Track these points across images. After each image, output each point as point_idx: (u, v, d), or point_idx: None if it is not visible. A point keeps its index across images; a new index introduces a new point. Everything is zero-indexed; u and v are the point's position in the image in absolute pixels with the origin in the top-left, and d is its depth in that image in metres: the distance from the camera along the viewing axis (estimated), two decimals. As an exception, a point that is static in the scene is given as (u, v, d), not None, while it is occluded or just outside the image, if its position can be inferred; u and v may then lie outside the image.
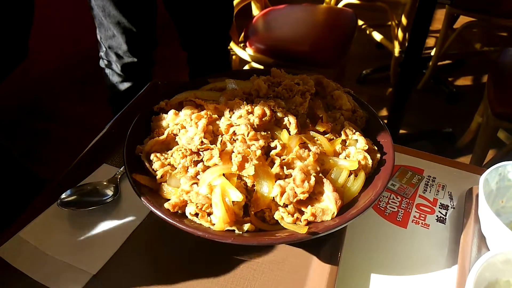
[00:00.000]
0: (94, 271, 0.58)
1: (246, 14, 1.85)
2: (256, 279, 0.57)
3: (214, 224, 0.53)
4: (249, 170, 0.54)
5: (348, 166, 0.58)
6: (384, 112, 2.14)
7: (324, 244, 0.59)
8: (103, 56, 1.35)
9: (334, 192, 0.54)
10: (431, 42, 2.73)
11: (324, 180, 0.56)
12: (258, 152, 0.56)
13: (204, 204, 0.53)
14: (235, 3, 1.67)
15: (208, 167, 0.57)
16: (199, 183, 0.56)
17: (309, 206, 0.54)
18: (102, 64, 1.38)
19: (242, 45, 1.72)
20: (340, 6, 2.28)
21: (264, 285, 0.57)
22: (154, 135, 0.64)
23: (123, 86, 1.38)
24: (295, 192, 0.53)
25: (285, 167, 0.56)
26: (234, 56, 1.79)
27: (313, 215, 0.53)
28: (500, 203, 0.64)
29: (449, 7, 2.07)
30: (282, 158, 0.57)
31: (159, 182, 0.59)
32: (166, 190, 0.58)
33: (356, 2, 2.32)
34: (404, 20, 2.31)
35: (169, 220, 0.53)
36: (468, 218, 0.64)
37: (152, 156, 0.60)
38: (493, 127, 1.46)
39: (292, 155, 0.57)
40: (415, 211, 0.69)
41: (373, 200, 0.54)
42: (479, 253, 0.59)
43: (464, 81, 2.46)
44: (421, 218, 0.68)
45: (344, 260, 0.60)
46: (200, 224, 0.54)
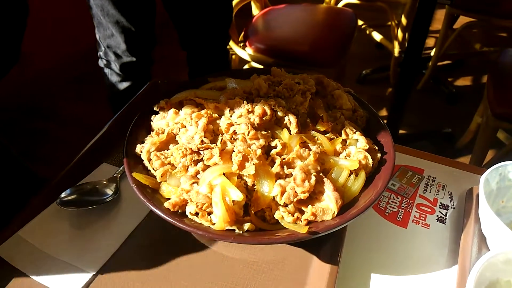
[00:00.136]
0: (94, 271, 0.58)
1: (246, 14, 1.85)
2: (256, 278, 0.57)
3: (214, 223, 0.53)
4: (249, 169, 0.54)
5: (349, 166, 0.58)
6: (383, 112, 2.14)
7: (324, 244, 0.59)
8: (102, 55, 1.35)
9: (335, 191, 0.54)
10: (431, 42, 2.73)
11: (325, 179, 0.56)
12: (259, 152, 0.56)
13: (204, 204, 0.53)
14: (235, 2, 1.67)
15: (208, 166, 0.57)
16: (199, 182, 0.56)
17: (309, 205, 0.54)
18: (101, 63, 1.38)
19: (242, 44, 1.72)
20: (340, 6, 2.28)
21: (264, 285, 0.57)
22: (154, 134, 0.64)
23: (122, 86, 1.38)
24: (296, 192, 0.53)
25: (285, 167, 0.56)
26: (234, 56, 1.79)
27: (313, 214, 0.53)
28: (500, 203, 0.64)
29: (449, 7, 2.07)
30: (282, 157, 0.57)
31: (159, 181, 0.59)
32: (166, 189, 0.58)
33: (356, 2, 2.32)
34: (404, 20, 2.31)
35: (169, 219, 0.52)
36: (469, 218, 0.64)
37: (152, 155, 0.60)
38: (492, 128, 1.46)
39: (292, 155, 0.57)
40: (415, 211, 0.69)
41: (373, 199, 0.54)
42: (480, 253, 0.59)
43: (464, 81, 2.46)
44: (421, 218, 0.68)
45: (344, 260, 0.60)
46: (200, 223, 0.54)
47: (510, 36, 2.81)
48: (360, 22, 2.58)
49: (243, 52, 1.69)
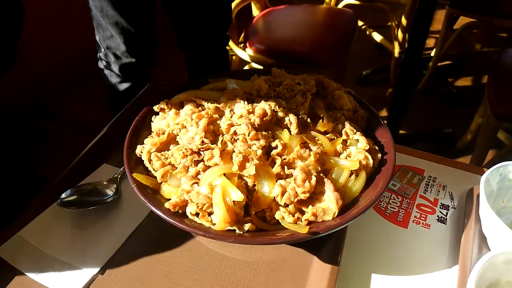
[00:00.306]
0: (94, 271, 0.58)
1: (246, 15, 1.85)
2: (257, 279, 0.57)
3: (215, 224, 0.53)
4: (250, 169, 0.54)
5: (349, 166, 0.58)
6: (384, 113, 2.14)
7: (325, 244, 0.59)
8: (101, 57, 1.35)
9: (335, 192, 0.54)
10: (431, 43, 2.73)
11: (325, 180, 0.56)
12: (259, 152, 0.56)
13: (205, 204, 0.53)
14: (235, 3, 1.67)
15: (208, 167, 0.57)
16: (200, 183, 0.56)
17: (310, 206, 0.54)
18: (100, 65, 1.38)
19: (242, 45, 1.72)
20: (340, 6, 2.28)
21: (264, 285, 0.57)
22: (154, 135, 0.64)
23: (122, 87, 1.38)
24: (296, 192, 0.53)
25: (286, 167, 0.56)
26: (234, 57, 1.79)
27: (314, 215, 0.53)
28: (501, 203, 0.64)
29: (449, 7, 2.07)
30: (283, 158, 0.57)
31: (159, 181, 0.59)
32: (167, 189, 0.58)
33: (356, 2, 2.32)
34: (404, 20, 2.31)
35: (169, 220, 0.52)
36: (469, 218, 0.64)
37: (153, 155, 0.60)
38: (493, 128, 1.46)
39: (293, 155, 0.57)
40: (416, 211, 0.69)
41: (374, 200, 0.54)
42: (480, 253, 0.59)
43: (464, 81, 2.46)
44: (421, 218, 0.68)
45: (345, 260, 0.60)
46: (201, 224, 0.54)
47: (511, 36, 2.81)
48: (360, 23, 2.57)
49: (243, 53, 1.69)
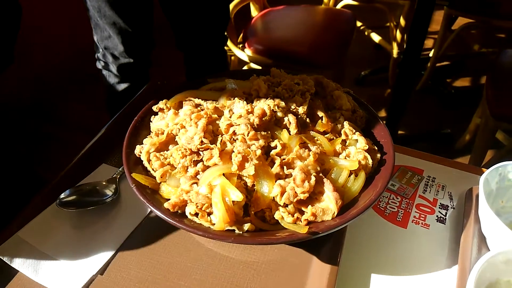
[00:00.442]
0: (93, 271, 0.58)
1: (245, 15, 1.85)
2: (256, 279, 0.57)
3: (214, 224, 0.53)
4: (249, 169, 0.54)
5: (349, 166, 0.58)
6: (383, 113, 2.14)
7: (324, 244, 0.59)
8: (100, 57, 1.35)
9: (335, 192, 0.54)
10: (429, 43, 2.73)
11: (325, 180, 0.56)
12: (258, 152, 0.56)
13: (204, 204, 0.53)
14: (233, 4, 1.67)
15: (208, 167, 0.57)
16: (199, 183, 0.56)
17: (309, 206, 0.54)
18: (99, 65, 1.38)
19: (240, 46, 1.72)
20: (338, 7, 2.29)
21: (264, 285, 0.57)
22: (153, 135, 0.64)
23: (121, 87, 1.38)
24: (295, 192, 0.53)
25: (285, 167, 0.56)
26: (233, 57, 1.79)
27: (313, 215, 0.53)
28: (500, 203, 0.64)
29: (447, 8, 2.07)
30: (282, 158, 0.57)
31: (158, 181, 0.59)
32: (166, 190, 0.58)
33: (354, 3, 2.32)
34: (402, 21, 2.32)
35: (169, 220, 0.52)
36: (468, 218, 0.64)
37: (152, 155, 0.60)
38: (491, 128, 1.46)
39: (292, 155, 0.57)
40: (415, 211, 0.69)
41: (373, 200, 0.54)
42: (480, 253, 0.59)
43: (463, 82, 2.46)
44: (421, 218, 0.68)
45: (344, 260, 0.60)
46: (200, 224, 0.54)
47: (509, 37, 2.81)
48: (358, 24, 2.58)
49: (242, 53, 1.69)
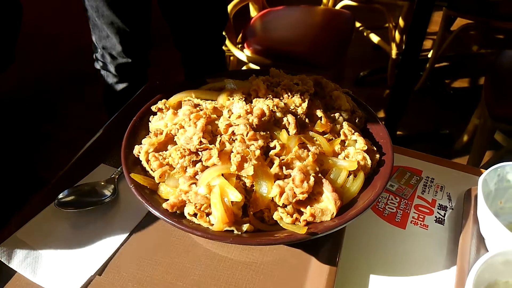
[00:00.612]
0: (92, 272, 0.57)
1: (244, 16, 1.85)
2: (255, 280, 0.57)
3: (213, 224, 0.53)
4: (248, 170, 0.54)
5: (347, 167, 0.58)
6: (381, 114, 2.14)
7: (323, 244, 0.59)
8: (98, 57, 1.35)
9: (333, 192, 0.54)
10: (428, 44, 2.73)
11: (323, 180, 0.56)
12: (257, 152, 0.56)
13: (203, 204, 0.53)
14: (232, 4, 1.67)
15: (206, 167, 0.57)
16: (198, 183, 0.56)
17: (308, 206, 0.54)
18: (97, 65, 1.38)
19: (239, 46, 1.72)
20: (337, 7, 2.29)
21: (262, 285, 0.56)
22: (152, 135, 0.64)
23: (119, 87, 1.38)
24: (294, 193, 0.53)
25: (284, 167, 0.56)
26: (232, 57, 1.79)
27: (312, 215, 0.53)
28: (498, 204, 0.64)
29: (446, 9, 2.07)
30: (281, 158, 0.57)
31: (157, 182, 0.59)
32: (165, 190, 0.58)
33: (353, 4, 2.32)
34: (401, 22, 2.32)
35: (167, 220, 0.52)
36: (467, 219, 0.64)
37: (151, 156, 0.60)
38: (490, 129, 1.46)
39: (291, 155, 0.57)
40: (414, 212, 0.69)
41: (372, 200, 0.54)
42: (478, 254, 0.59)
43: (461, 83, 2.47)
44: (419, 219, 0.68)
45: (343, 261, 0.60)
46: (199, 224, 0.53)
47: (508, 37, 2.82)
48: (357, 24, 2.58)
49: (241, 53, 1.69)
